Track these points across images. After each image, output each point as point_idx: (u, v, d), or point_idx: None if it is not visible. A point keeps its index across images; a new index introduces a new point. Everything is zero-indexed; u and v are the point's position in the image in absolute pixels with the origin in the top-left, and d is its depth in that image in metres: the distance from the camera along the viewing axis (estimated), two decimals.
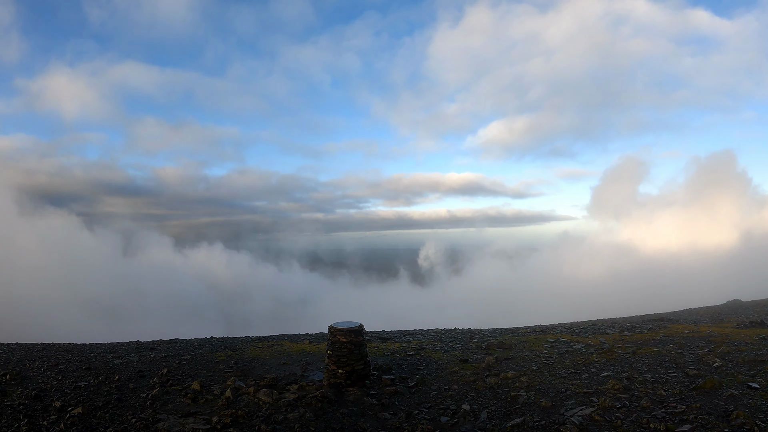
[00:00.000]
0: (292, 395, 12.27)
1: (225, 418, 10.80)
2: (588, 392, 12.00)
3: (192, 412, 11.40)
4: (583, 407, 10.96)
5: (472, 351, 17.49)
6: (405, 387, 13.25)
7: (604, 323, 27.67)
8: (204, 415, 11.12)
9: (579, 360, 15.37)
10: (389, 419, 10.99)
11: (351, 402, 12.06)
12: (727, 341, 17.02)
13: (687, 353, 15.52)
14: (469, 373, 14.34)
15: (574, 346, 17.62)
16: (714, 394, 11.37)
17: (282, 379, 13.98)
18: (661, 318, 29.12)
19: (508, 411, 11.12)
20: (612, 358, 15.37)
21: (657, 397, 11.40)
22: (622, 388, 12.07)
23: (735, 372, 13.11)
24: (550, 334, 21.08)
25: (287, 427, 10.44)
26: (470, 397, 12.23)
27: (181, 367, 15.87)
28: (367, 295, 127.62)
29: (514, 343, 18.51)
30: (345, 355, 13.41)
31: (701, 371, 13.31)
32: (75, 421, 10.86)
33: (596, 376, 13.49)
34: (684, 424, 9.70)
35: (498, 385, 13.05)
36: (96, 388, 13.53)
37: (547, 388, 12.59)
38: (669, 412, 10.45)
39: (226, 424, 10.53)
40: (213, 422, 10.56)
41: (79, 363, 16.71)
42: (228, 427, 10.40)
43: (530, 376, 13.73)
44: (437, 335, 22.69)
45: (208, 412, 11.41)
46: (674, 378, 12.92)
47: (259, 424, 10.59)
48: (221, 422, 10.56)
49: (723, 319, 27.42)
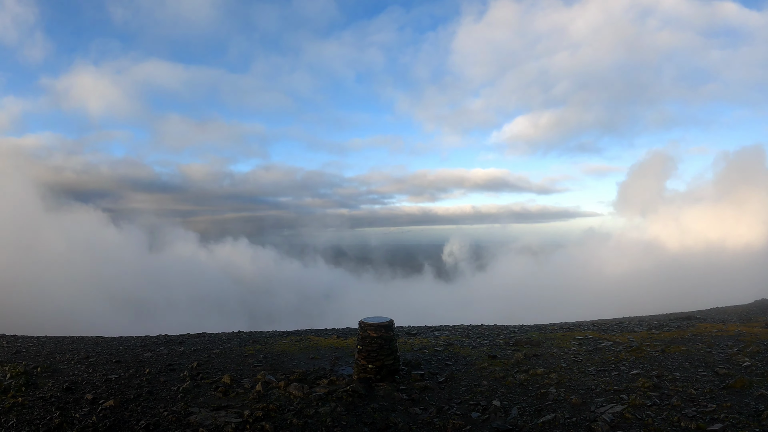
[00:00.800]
0: (323, 389, 12.38)
1: (257, 411, 10.91)
2: (618, 390, 12.03)
3: (223, 405, 11.53)
4: (614, 405, 11.00)
5: (500, 347, 17.54)
6: (434, 382, 13.34)
7: (631, 321, 27.55)
8: (235, 409, 11.25)
9: (608, 358, 15.37)
10: (420, 414, 11.08)
11: (381, 397, 12.15)
12: (757, 341, 16.94)
13: (716, 352, 15.47)
14: (498, 369, 14.41)
15: (602, 343, 17.61)
16: (744, 394, 11.36)
17: (311, 374, 14.10)
18: (688, 317, 28.93)
19: (538, 407, 11.18)
20: (641, 356, 15.37)
21: (687, 396, 11.41)
22: (652, 387, 12.08)
23: (765, 371, 13.06)
24: (577, 332, 21.07)
25: (319, 422, 10.55)
26: (500, 393, 12.30)
27: (211, 361, 16.05)
28: (392, 290, 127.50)
29: (541, 340, 18.53)
30: (375, 350, 13.50)
31: (731, 370, 13.28)
32: (107, 414, 11.05)
33: (626, 374, 13.50)
34: (715, 423, 9.72)
35: (527, 381, 13.11)
36: (127, 380, 13.72)
37: (577, 385, 12.64)
38: (700, 410, 10.46)
39: (258, 417, 10.64)
40: (245, 416, 10.68)
41: (109, 356, 16.95)
42: (260, 420, 10.52)
43: (559, 373, 13.77)
44: (464, 331, 22.73)
45: (240, 405, 11.54)
46: (704, 377, 12.91)
47: (291, 417, 10.71)
48: (253, 416, 10.68)
49: (751, 318, 27.19)
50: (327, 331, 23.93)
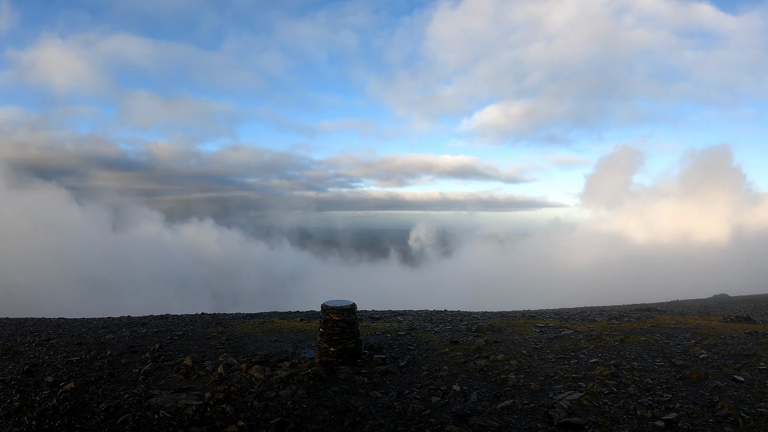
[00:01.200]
0: (284, 372, 12.34)
1: (218, 394, 10.85)
2: (576, 377, 12.14)
3: (184, 387, 11.44)
4: (572, 392, 11.10)
5: (462, 333, 17.63)
6: (396, 366, 13.35)
7: (593, 311, 27.89)
8: (196, 391, 11.17)
9: (568, 346, 15.52)
10: (380, 398, 11.07)
11: (342, 380, 12.14)
12: (714, 334, 17.21)
13: (674, 344, 15.68)
14: (459, 354, 14.46)
15: (563, 332, 17.77)
16: (700, 385, 11.52)
17: (274, 356, 14.05)
18: (649, 308, 29.33)
19: (497, 393, 11.24)
20: (600, 345, 15.53)
21: (644, 385, 11.54)
22: (609, 375, 12.21)
23: (721, 364, 13.27)
24: (539, 319, 21.26)
25: (279, 404, 10.51)
26: (460, 378, 12.34)
27: (173, 343, 15.91)
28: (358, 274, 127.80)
29: (503, 327, 18.65)
30: (337, 334, 13.48)
31: (688, 362, 13.46)
32: (68, 396, 10.89)
33: (585, 362, 13.63)
34: (670, 413, 9.84)
35: (488, 367, 13.18)
36: (88, 363, 13.56)
37: (537, 371, 12.73)
38: (656, 400, 10.60)
39: (219, 400, 10.58)
40: (206, 398, 10.61)
41: (71, 338, 16.75)
42: (221, 403, 10.45)
43: (520, 359, 13.87)
44: (427, 316, 22.83)
45: (201, 387, 11.46)
46: (661, 367, 13.08)
47: (252, 400, 10.65)
48: (214, 398, 10.61)
49: (710, 312, 27.67)
50: (290, 314, 23.88)
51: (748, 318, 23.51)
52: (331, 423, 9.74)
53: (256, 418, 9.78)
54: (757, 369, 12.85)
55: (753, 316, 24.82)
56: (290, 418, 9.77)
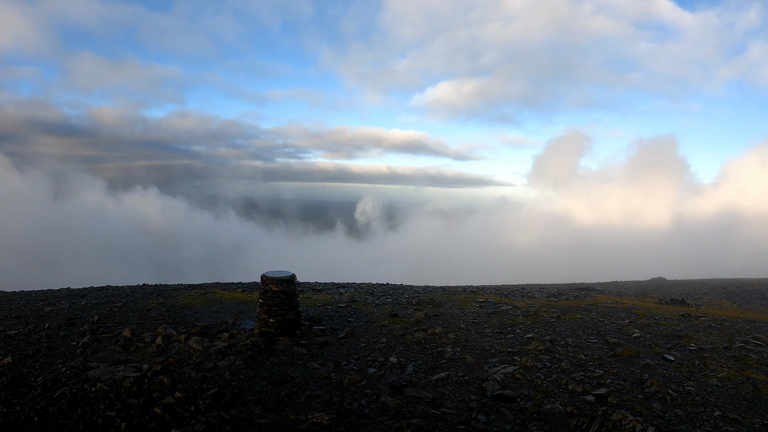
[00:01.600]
0: (223, 343, 12.23)
1: (155, 365, 10.70)
2: (512, 352, 12.33)
3: (122, 359, 11.25)
4: (506, 365, 11.27)
5: (403, 306, 17.71)
6: (335, 338, 13.35)
7: (533, 288, 28.28)
8: (134, 363, 11.00)
9: (505, 321, 15.72)
10: (318, 369, 11.07)
11: (281, 351, 12.09)
12: (648, 314, 17.63)
13: (609, 322, 16.02)
14: (398, 327, 14.53)
15: (502, 307, 18.00)
16: (631, 363, 11.82)
17: (213, 327, 13.91)
18: (587, 287, 29.90)
19: (433, 365, 11.34)
20: (537, 321, 15.78)
21: (577, 361, 11.78)
22: (544, 350, 12.43)
23: (652, 344, 13.62)
24: (479, 295, 21.48)
25: (217, 375, 10.42)
26: (398, 351, 12.41)
27: (113, 315, 15.60)
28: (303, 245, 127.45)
29: (444, 301, 18.80)
30: (276, 305, 13.38)
31: (621, 340, 13.78)
32: (4, 371, 10.59)
33: (521, 337, 13.84)
34: (601, 388, 10.07)
35: (425, 340, 13.28)
36: (25, 336, 13.19)
37: (473, 345, 12.88)
38: (587, 375, 10.83)
39: (157, 371, 10.44)
40: (143, 370, 10.47)
41: (8, 311, 16.27)
42: (158, 374, 10.32)
43: (457, 333, 14.00)
44: (369, 289, 22.87)
45: (139, 359, 11.28)
46: (595, 344, 13.36)
47: (190, 371, 10.54)
48: (151, 369, 10.47)
49: (647, 294, 28.36)
50: (233, 285, 23.68)
51: (682, 301, 24.17)
52: (268, 393, 9.71)
53: (193, 389, 9.68)
54: (687, 349, 13.22)
55: (687, 300, 25.54)
56: (227, 389, 9.70)
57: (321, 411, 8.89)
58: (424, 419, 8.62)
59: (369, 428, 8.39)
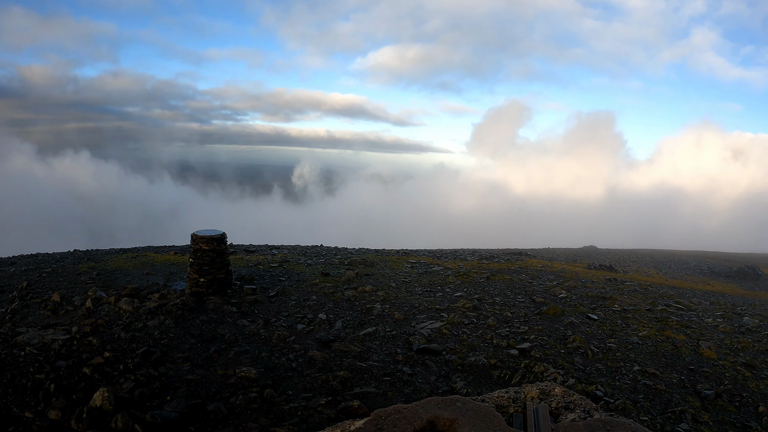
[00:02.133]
0: (153, 304, 12.10)
1: (85, 327, 10.55)
2: (440, 309, 12.51)
3: (52, 323, 11.05)
4: (434, 321, 11.44)
5: (335, 266, 17.76)
6: (265, 297, 13.34)
7: (465, 251, 28.65)
8: (64, 326, 10.82)
9: (435, 280, 15.92)
10: (248, 326, 11.06)
11: (211, 310, 12.04)
12: (575, 277, 18.09)
13: (537, 284, 16.38)
14: (329, 285, 14.58)
15: (434, 268, 18.21)
16: (556, 320, 12.14)
17: (144, 289, 13.75)
18: (520, 252, 30.41)
19: (362, 321, 11.44)
20: (467, 281, 16.02)
21: (503, 318, 12.04)
22: (471, 308, 12.66)
23: (578, 304, 14.01)
24: (412, 256, 21.68)
25: (146, 334, 10.33)
26: (327, 308, 12.47)
27: (42, 280, 15.26)
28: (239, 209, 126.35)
29: (376, 262, 18.92)
30: (207, 264, 13.28)
31: (547, 300, 14.11)
32: None
33: (450, 295, 14.04)
34: (524, 343, 10.33)
35: (355, 297, 13.36)
36: None
37: (402, 303, 13.00)
38: (512, 331, 11.08)
39: (86, 333, 10.30)
40: (73, 332, 10.30)
41: None
42: (87, 336, 10.18)
43: (387, 291, 14.12)
44: (303, 250, 22.87)
45: (68, 322, 11.10)
46: (521, 303, 13.66)
47: (119, 332, 10.42)
48: (81, 331, 10.32)
49: (577, 260, 28.99)
50: (165, 248, 23.35)
51: (610, 267, 24.84)
52: (197, 350, 9.68)
53: (122, 349, 9.59)
54: (611, 310, 13.65)
55: (615, 266, 26.20)
56: (156, 348, 9.63)
57: (249, 365, 8.92)
58: (351, 371, 8.71)
59: (296, 381, 8.44)
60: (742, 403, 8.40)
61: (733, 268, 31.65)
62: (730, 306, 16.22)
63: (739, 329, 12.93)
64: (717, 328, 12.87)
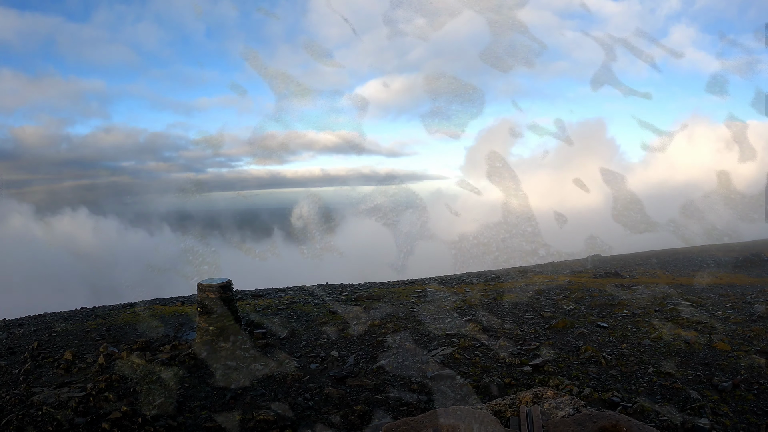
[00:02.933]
0: (165, 355, 12.15)
1: (100, 383, 10.59)
2: (450, 334, 12.55)
3: (66, 381, 11.09)
4: (445, 347, 11.48)
5: (342, 303, 17.79)
6: (276, 339, 13.37)
7: (471, 275, 28.65)
8: (79, 383, 10.86)
9: (443, 307, 15.96)
10: (261, 369, 11.08)
11: (224, 357, 12.08)
12: (582, 288, 18.12)
13: (544, 299, 16.42)
14: (338, 322, 14.61)
15: (440, 294, 18.25)
16: (566, 333, 12.18)
17: (155, 342, 13.79)
18: (524, 270, 30.42)
19: (374, 354, 11.49)
20: (474, 304, 16.06)
21: (514, 337, 12.08)
22: (481, 330, 12.70)
23: (587, 314, 14.05)
24: (418, 285, 21.72)
25: (162, 386, 10.37)
26: (339, 345, 12.51)
27: (52, 340, 15.31)
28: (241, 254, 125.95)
29: (383, 294, 18.96)
30: (215, 312, 13.34)
31: (555, 313, 14.16)
32: None
33: (458, 320, 14.07)
34: (537, 358, 10.38)
35: (365, 332, 13.40)
36: None
37: (412, 332, 13.04)
38: (524, 348, 11.13)
39: (101, 389, 10.33)
40: (88, 389, 10.34)
41: None
42: (103, 391, 10.22)
43: (396, 322, 14.16)
44: (309, 290, 22.89)
45: (83, 379, 11.13)
46: (531, 320, 13.70)
47: (134, 385, 10.46)
48: (96, 387, 10.36)
49: (582, 270, 28.99)
50: (172, 300, 23.41)
51: (616, 273, 24.84)
52: (214, 398, 9.74)
53: (139, 402, 9.64)
54: (620, 316, 13.69)
55: (621, 272, 26.21)
56: (173, 398, 9.70)
57: (266, 408, 8.98)
58: (367, 405, 8.77)
59: (314, 419, 8.50)
60: (761, 390, 8.47)
61: (739, 257, 31.64)
62: (739, 296, 16.26)
63: (750, 317, 12.99)
64: (728, 319, 12.91)
